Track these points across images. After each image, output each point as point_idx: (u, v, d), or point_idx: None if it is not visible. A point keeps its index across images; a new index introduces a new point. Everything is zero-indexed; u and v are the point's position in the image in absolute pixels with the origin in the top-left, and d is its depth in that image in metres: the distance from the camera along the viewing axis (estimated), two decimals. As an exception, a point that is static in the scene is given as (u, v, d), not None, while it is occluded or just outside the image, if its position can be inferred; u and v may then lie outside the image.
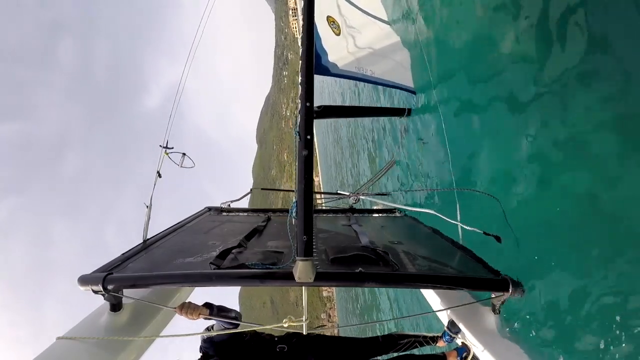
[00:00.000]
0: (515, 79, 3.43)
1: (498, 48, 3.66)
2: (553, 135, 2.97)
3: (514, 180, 3.46)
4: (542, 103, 3.06)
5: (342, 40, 4.59)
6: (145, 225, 2.50)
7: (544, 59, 3.04)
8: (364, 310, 15.79)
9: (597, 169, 2.61)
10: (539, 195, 3.17)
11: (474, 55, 4.18)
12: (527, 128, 3.25)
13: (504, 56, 3.59)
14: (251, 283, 1.82)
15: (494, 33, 3.72)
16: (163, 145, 2.81)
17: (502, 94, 3.62)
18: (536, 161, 3.19)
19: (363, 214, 3.99)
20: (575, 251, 2.75)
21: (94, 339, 1.83)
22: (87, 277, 1.85)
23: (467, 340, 2.14)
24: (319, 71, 4.55)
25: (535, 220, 3.16)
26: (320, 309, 64.99)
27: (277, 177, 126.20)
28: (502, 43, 3.60)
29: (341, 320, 29.49)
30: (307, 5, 1.85)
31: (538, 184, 3.18)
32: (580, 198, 2.74)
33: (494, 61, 3.77)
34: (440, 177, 5.29)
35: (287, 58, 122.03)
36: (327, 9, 4.36)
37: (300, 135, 1.67)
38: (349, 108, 6.78)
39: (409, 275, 2.02)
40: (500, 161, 3.80)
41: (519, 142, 3.34)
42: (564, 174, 2.91)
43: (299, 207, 1.64)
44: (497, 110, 3.75)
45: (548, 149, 3.04)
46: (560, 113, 2.90)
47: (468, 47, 4.29)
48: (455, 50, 4.57)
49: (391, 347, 2.36)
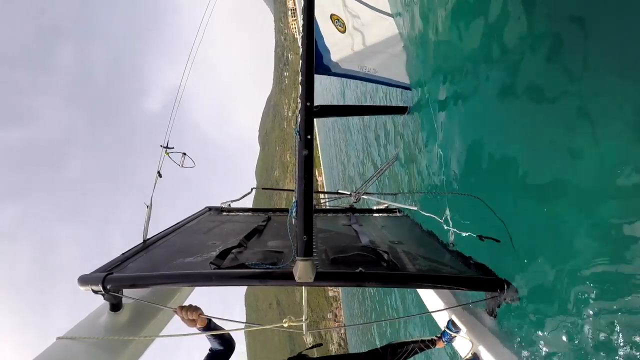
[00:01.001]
0: (514, 76, 3.42)
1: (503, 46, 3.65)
2: (553, 135, 2.97)
3: (513, 180, 3.45)
4: (543, 103, 3.05)
5: (347, 38, 4.57)
6: (145, 225, 2.50)
7: (543, 55, 3.03)
8: (370, 310, 15.76)
9: (597, 168, 2.61)
10: (539, 195, 3.16)
11: (476, 53, 4.17)
12: (527, 128, 3.24)
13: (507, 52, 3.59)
14: (251, 283, 1.82)
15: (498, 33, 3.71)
16: (163, 145, 2.81)
17: (504, 92, 3.62)
18: (536, 161, 3.18)
19: (363, 213, 3.99)
20: (575, 251, 2.75)
21: (94, 338, 1.82)
22: (87, 277, 1.85)
23: (468, 338, 2.14)
24: (320, 71, 4.53)
25: (535, 220, 3.16)
26: (326, 309, 64.83)
27: (280, 178, 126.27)
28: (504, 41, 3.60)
29: (347, 320, 29.52)
30: (307, 5, 1.85)
31: (538, 184, 3.18)
32: (580, 197, 2.74)
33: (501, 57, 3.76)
34: (438, 176, 5.29)
35: (287, 59, 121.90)
36: (330, 7, 4.34)
37: (301, 135, 1.67)
38: (348, 107, 6.76)
39: (409, 275, 2.02)
40: (499, 161, 3.80)
41: (519, 142, 3.33)
42: (564, 173, 2.90)
43: (299, 207, 1.64)
44: (497, 110, 3.74)
45: (548, 148, 3.03)
46: (560, 113, 2.89)
47: (471, 45, 4.28)
48: (457, 48, 4.56)
49: (391, 357, 2.35)
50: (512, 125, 3.47)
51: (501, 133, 3.74)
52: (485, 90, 3.97)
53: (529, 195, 3.31)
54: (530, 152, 3.27)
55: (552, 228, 3.02)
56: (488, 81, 3.90)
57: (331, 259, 2.09)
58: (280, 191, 13.07)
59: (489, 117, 3.96)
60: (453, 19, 4.66)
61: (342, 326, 56.37)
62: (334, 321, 59.07)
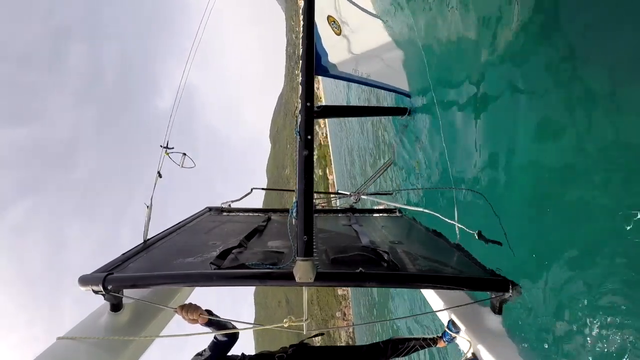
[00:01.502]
0: (514, 78, 3.43)
1: (495, 50, 3.66)
2: (553, 134, 2.97)
3: (513, 180, 3.45)
4: (542, 103, 3.05)
5: (343, 40, 4.59)
6: (145, 225, 2.50)
7: (542, 58, 3.04)
8: (378, 308, 15.73)
9: (598, 169, 2.61)
10: (537, 195, 3.17)
11: (471, 57, 4.18)
12: (526, 127, 3.24)
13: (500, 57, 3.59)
14: (251, 283, 1.82)
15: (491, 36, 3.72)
16: (163, 145, 2.82)
17: (501, 94, 3.62)
18: (535, 161, 3.18)
19: (363, 213, 3.99)
20: (575, 251, 2.75)
21: (94, 338, 1.82)
22: (87, 277, 1.85)
23: (468, 338, 2.14)
24: (319, 72, 4.55)
25: (534, 220, 3.16)
26: (335, 307, 64.48)
27: (292, 176, 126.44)
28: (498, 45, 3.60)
29: (356, 319, 29.61)
30: (307, 5, 1.85)
31: (537, 183, 3.18)
32: (580, 198, 2.74)
33: (492, 62, 3.77)
34: (438, 176, 5.29)
35: (298, 57, 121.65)
36: (327, 8, 4.35)
37: (301, 135, 1.67)
38: (349, 108, 6.82)
39: (410, 275, 2.02)
40: (499, 161, 3.80)
41: (518, 142, 3.33)
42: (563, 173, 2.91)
43: (299, 207, 1.64)
44: (496, 110, 3.75)
45: (547, 148, 3.03)
46: (560, 113, 2.90)
47: (466, 49, 4.29)
48: (453, 52, 4.57)
49: (392, 352, 2.35)
50: (513, 126, 3.47)
51: (501, 134, 3.74)
52: (485, 92, 3.98)
53: (529, 195, 3.31)
54: (531, 152, 3.27)
55: (552, 228, 3.02)
56: (488, 82, 3.90)
57: (331, 259, 2.09)
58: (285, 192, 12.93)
59: (489, 118, 3.96)
60: (453, 21, 4.66)
61: (343, 326, 56.26)
62: (342, 320, 59.07)
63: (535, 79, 3.08)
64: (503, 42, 3.54)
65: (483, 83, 3.94)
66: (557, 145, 2.93)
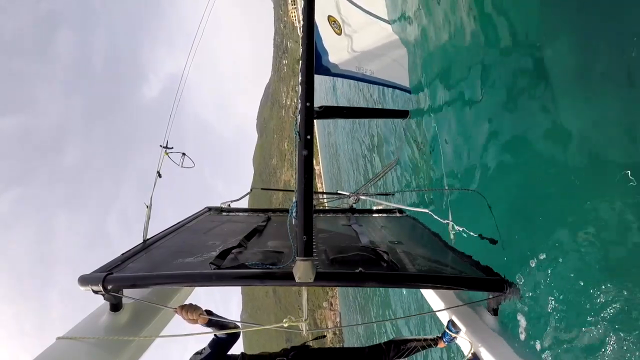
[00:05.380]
0: (514, 78, 3.43)
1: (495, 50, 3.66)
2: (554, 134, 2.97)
3: (512, 180, 3.45)
4: (541, 104, 3.05)
5: (343, 40, 4.59)
6: (145, 225, 2.50)
7: (541, 59, 3.04)
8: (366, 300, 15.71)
9: (597, 169, 2.61)
10: (537, 194, 3.17)
11: (472, 56, 4.18)
12: (526, 128, 3.24)
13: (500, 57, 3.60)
14: (251, 283, 1.82)
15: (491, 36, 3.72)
16: (163, 145, 2.81)
17: (502, 94, 3.62)
18: (534, 162, 3.18)
19: (363, 214, 4.00)
20: (575, 251, 2.75)
21: (94, 339, 1.82)
22: (87, 277, 1.85)
23: (468, 339, 2.15)
24: (320, 71, 4.54)
25: (533, 219, 3.16)
26: (322, 298, 64.29)
27: (278, 166, 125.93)
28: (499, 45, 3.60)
29: (342, 308, 29.92)
30: (307, 5, 1.85)
31: (536, 183, 3.18)
32: (580, 197, 2.74)
33: (492, 62, 3.77)
34: (437, 177, 5.29)
35: (286, 46, 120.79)
36: (328, 8, 4.36)
37: (300, 135, 1.67)
38: (350, 109, 6.80)
39: (409, 275, 2.02)
40: (499, 161, 3.80)
41: (518, 142, 3.33)
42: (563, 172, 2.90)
43: (299, 207, 1.65)
44: (495, 110, 3.75)
45: (547, 148, 3.03)
46: (560, 113, 2.90)
47: (467, 48, 4.29)
48: (453, 51, 4.57)
49: (394, 353, 2.35)
50: (513, 128, 3.47)
51: (502, 134, 3.74)
52: (485, 93, 3.98)
53: (529, 196, 3.31)
54: (531, 153, 3.27)
55: (552, 228, 3.02)
56: (488, 84, 3.91)
57: (331, 259, 2.09)
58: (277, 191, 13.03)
59: (489, 119, 3.96)
60: (453, 22, 4.67)
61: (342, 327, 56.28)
62: (329, 310, 58.85)
63: (535, 79, 3.08)
64: (503, 42, 3.53)
65: (483, 83, 3.94)
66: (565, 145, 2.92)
